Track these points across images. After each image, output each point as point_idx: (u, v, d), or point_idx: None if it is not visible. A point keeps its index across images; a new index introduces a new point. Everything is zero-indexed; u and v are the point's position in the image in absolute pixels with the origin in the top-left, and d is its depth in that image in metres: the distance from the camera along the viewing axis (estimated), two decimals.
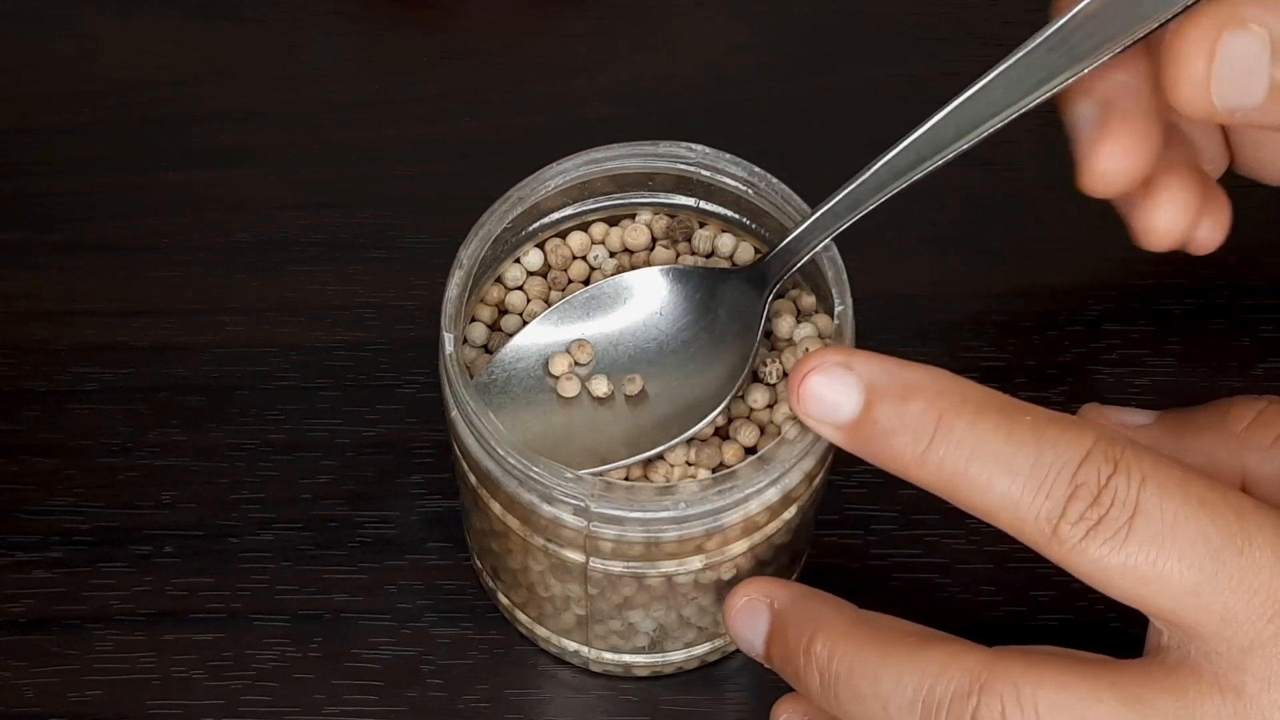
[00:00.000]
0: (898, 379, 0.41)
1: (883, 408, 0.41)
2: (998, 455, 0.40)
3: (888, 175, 0.45)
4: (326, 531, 0.54)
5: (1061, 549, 0.39)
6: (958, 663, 0.41)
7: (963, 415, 0.40)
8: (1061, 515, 0.39)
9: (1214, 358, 0.56)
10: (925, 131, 0.44)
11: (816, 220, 0.46)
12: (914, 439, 0.40)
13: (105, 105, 0.62)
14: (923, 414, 0.40)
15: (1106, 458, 0.39)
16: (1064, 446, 0.40)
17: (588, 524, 0.44)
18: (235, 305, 0.58)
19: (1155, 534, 0.39)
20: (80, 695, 0.51)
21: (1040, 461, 0.39)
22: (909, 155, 0.45)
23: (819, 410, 0.41)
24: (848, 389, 0.41)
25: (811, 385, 0.41)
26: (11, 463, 0.55)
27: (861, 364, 0.41)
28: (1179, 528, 0.39)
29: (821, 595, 0.45)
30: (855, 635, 0.43)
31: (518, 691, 0.51)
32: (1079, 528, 0.39)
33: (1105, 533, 0.39)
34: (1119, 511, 0.39)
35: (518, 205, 0.47)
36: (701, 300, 0.47)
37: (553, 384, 0.47)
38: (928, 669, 0.41)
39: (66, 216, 0.60)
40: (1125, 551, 0.39)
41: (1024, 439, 0.40)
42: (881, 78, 0.57)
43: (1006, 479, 0.40)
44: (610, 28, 0.64)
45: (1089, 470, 0.39)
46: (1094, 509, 0.39)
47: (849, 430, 0.41)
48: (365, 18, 0.65)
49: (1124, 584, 0.39)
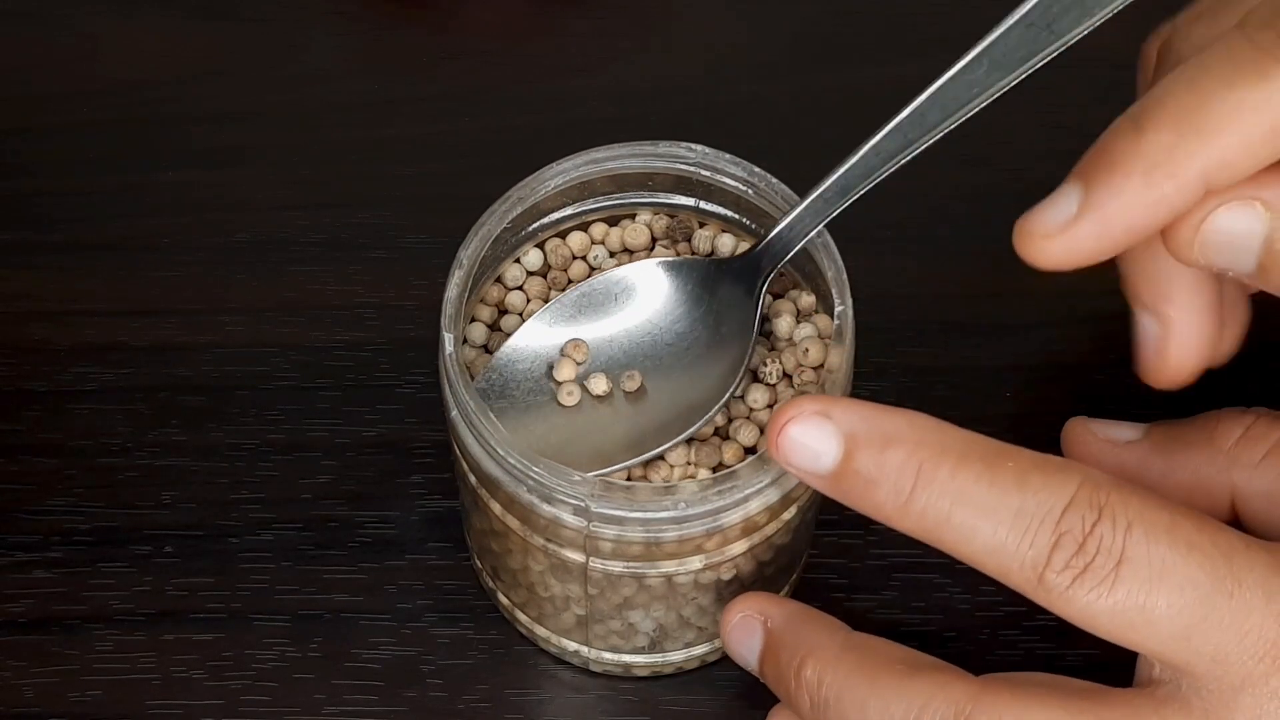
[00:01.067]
0: (877, 427, 0.41)
1: (862, 457, 0.41)
2: (980, 504, 0.40)
3: (876, 160, 0.45)
4: (326, 531, 0.54)
5: (1049, 596, 0.39)
6: (944, 693, 0.41)
7: (944, 464, 0.40)
8: (1046, 563, 0.39)
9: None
10: (911, 113, 0.44)
11: (807, 207, 0.46)
12: (895, 489, 0.40)
13: (105, 105, 0.62)
14: (903, 463, 0.40)
15: (1091, 504, 0.39)
16: (1047, 493, 0.39)
17: (587, 524, 0.44)
18: (235, 305, 0.58)
19: (1143, 580, 0.39)
20: (80, 695, 0.51)
21: (1023, 510, 0.39)
22: (896, 138, 0.45)
23: (799, 459, 0.41)
24: (827, 438, 0.41)
25: (791, 434, 0.41)
26: (11, 463, 0.55)
27: (840, 412, 0.41)
28: (1167, 573, 0.39)
29: (815, 616, 0.46)
30: (845, 662, 0.43)
31: (518, 691, 0.51)
32: (1064, 575, 0.39)
33: (1092, 580, 0.39)
34: (1104, 559, 0.39)
35: (517, 205, 0.47)
36: (696, 293, 0.47)
37: (555, 389, 0.47)
38: (914, 699, 0.41)
39: (66, 216, 0.60)
40: (1113, 598, 0.39)
41: (1006, 486, 0.40)
42: (881, 78, 0.57)
43: (990, 527, 0.39)
44: (610, 28, 0.64)
45: (1073, 517, 0.39)
46: (1079, 556, 0.39)
47: (830, 480, 0.41)
48: (365, 18, 0.65)
49: (1112, 628, 0.39)
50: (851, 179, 0.45)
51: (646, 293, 0.48)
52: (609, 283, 0.48)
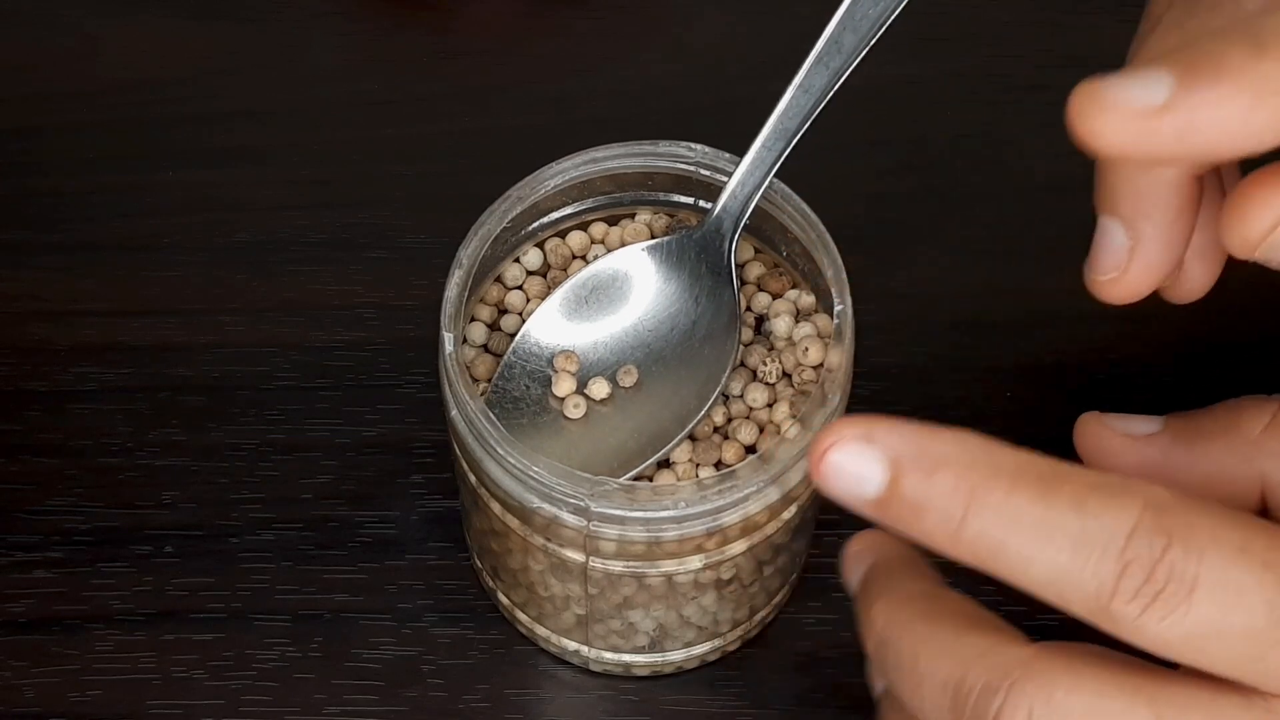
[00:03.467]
0: (923, 450, 0.38)
1: (909, 483, 0.38)
2: (1037, 530, 0.37)
3: (806, 98, 0.45)
4: (326, 531, 0.54)
5: (1116, 626, 0.37)
6: (995, 654, 0.39)
7: (997, 488, 0.37)
8: (1114, 593, 0.37)
9: (1214, 358, 0.56)
10: (826, 42, 0.45)
11: (753, 160, 0.46)
12: (945, 516, 0.37)
13: (105, 105, 0.62)
14: (953, 489, 0.37)
15: (1158, 529, 0.37)
16: (1108, 519, 0.37)
17: (587, 524, 0.44)
18: (235, 305, 0.58)
19: (1218, 605, 0.37)
20: (80, 695, 0.51)
21: (1084, 537, 0.37)
22: (820, 71, 0.45)
23: (843, 486, 0.38)
24: (871, 463, 0.38)
25: (832, 461, 0.38)
26: (11, 463, 0.55)
27: (884, 435, 0.38)
28: (1243, 596, 0.37)
29: (902, 559, 0.43)
30: (911, 608, 0.42)
31: (518, 691, 0.51)
32: (1134, 605, 0.37)
33: (1164, 609, 0.37)
34: (1177, 587, 0.37)
35: (517, 205, 0.47)
36: (668, 274, 0.47)
37: (558, 406, 0.47)
38: (965, 655, 0.40)
39: (66, 216, 0.60)
40: (1186, 624, 0.37)
41: (1064, 511, 0.37)
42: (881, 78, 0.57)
43: (1049, 555, 0.37)
44: (610, 28, 0.64)
45: (1140, 544, 0.37)
46: (1149, 585, 0.37)
47: (876, 507, 0.38)
48: (365, 18, 0.65)
49: (1184, 652, 0.37)
50: (789, 122, 0.46)
51: (622, 287, 0.48)
52: (577, 286, 0.48)
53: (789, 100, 0.45)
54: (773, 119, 0.46)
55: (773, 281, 0.48)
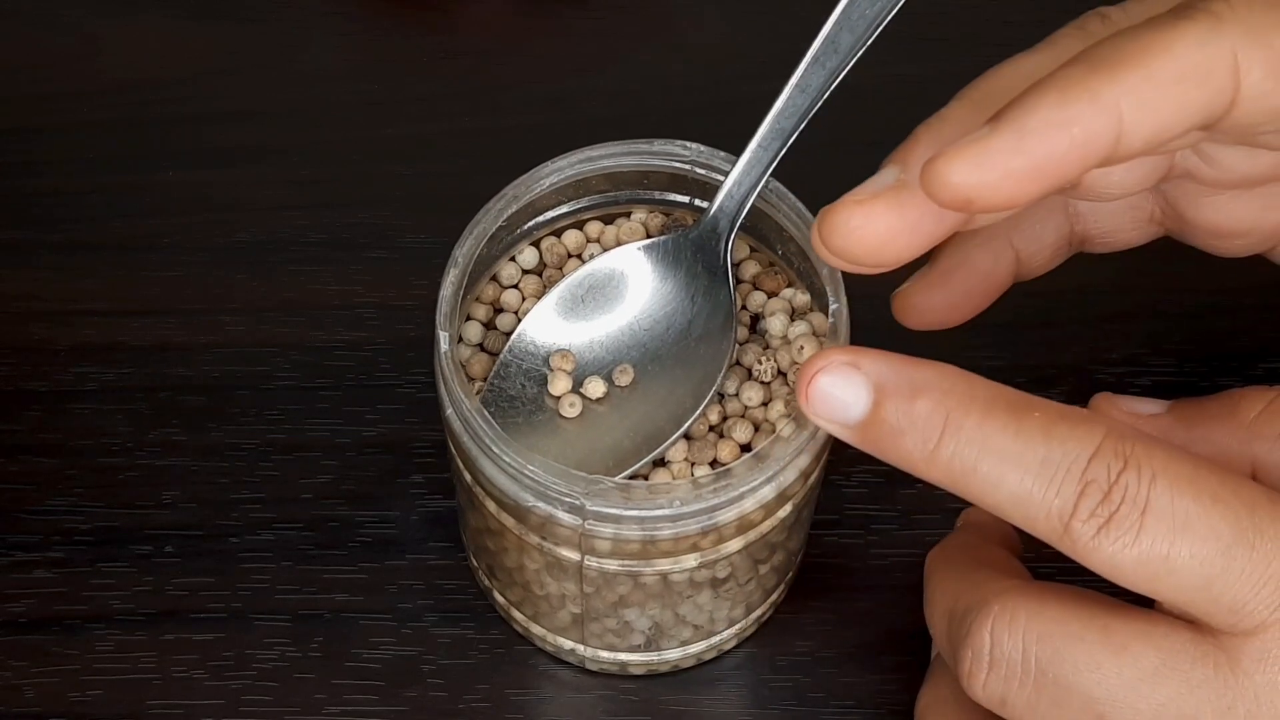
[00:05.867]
0: (905, 377, 0.41)
1: (890, 406, 0.40)
2: (1006, 453, 0.40)
3: (803, 98, 0.45)
4: (327, 531, 0.54)
5: (1074, 545, 0.39)
6: (982, 586, 0.42)
7: (970, 413, 0.40)
8: (1073, 513, 0.39)
9: (1214, 358, 0.56)
10: (823, 42, 0.45)
11: (749, 159, 0.46)
12: (922, 438, 0.40)
13: (105, 105, 0.62)
14: (930, 413, 0.40)
15: (1116, 454, 0.39)
16: (1073, 443, 0.39)
17: (583, 522, 0.44)
18: (235, 305, 0.58)
19: (1167, 530, 0.39)
20: (80, 695, 0.51)
21: (1049, 459, 0.39)
22: (817, 71, 0.45)
23: (828, 410, 0.41)
24: (856, 388, 0.41)
25: (820, 385, 0.41)
26: (11, 463, 0.55)
27: (869, 363, 0.41)
28: (1191, 524, 0.39)
29: (982, 523, 0.47)
30: (947, 553, 0.46)
31: (518, 691, 0.51)
32: (1090, 524, 0.39)
33: (1117, 530, 0.39)
34: (1130, 508, 0.39)
35: (513, 203, 0.47)
36: (664, 273, 0.47)
37: (554, 405, 0.47)
38: (962, 587, 0.43)
39: (66, 216, 0.60)
40: (1138, 547, 0.39)
41: (1032, 436, 0.39)
42: (881, 78, 0.57)
43: (1016, 476, 0.39)
44: (610, 28, 0.64)
45: (1099, 467, 0.39)
46: (1104, 505, 0.39)
47: (859, 430, 0.41)
48: (365, 18, 0.65)
49: (1135, 577, 0.39)
50: (785, 122, 0.46)
51: (617, 286, 0.48)
52: (573, 285, 0.48)
53: (785, 100, 0.46)
54: (769, 118, 0.46)
55: (768, 280, 0.48)
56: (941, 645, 0.44)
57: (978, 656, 0.41)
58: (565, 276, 0.48)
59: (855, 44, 0.45)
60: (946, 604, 0.43)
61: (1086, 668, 0.40)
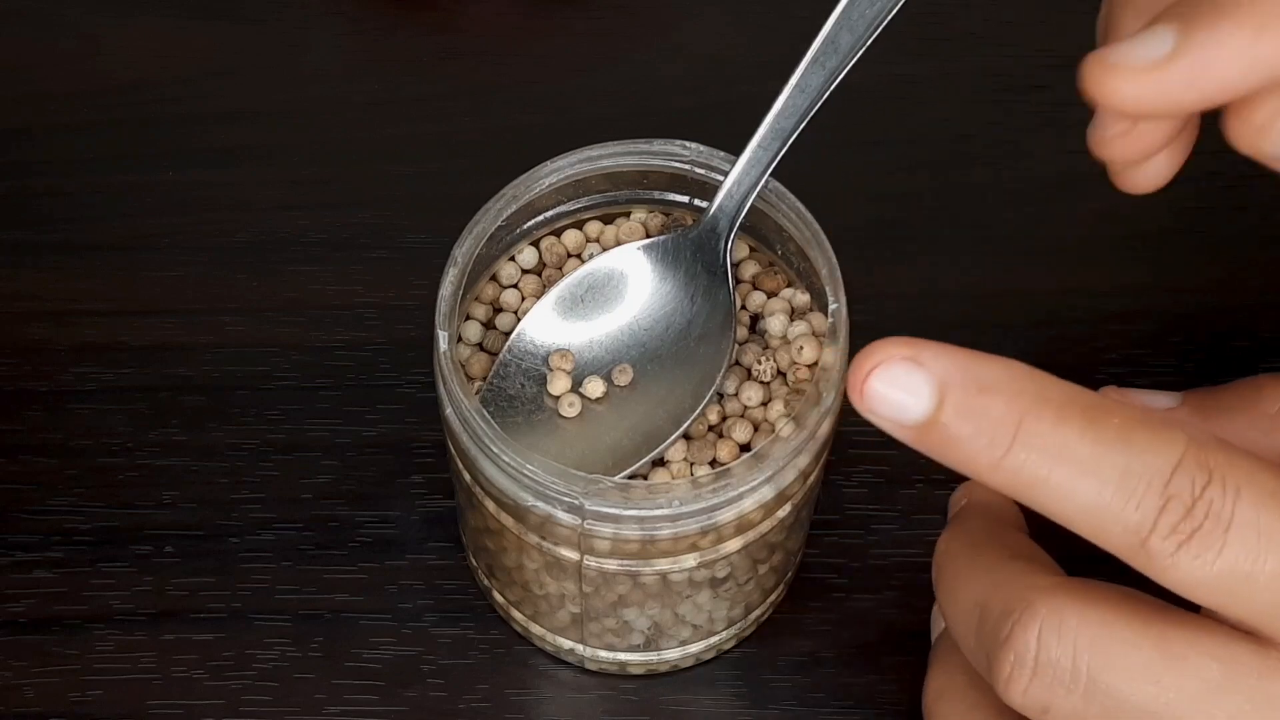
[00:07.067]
0: (972, 375, 0.37)
1: (956, 408, 0.37)
2: (1083, 462, 0.37)
3: (803, 98, 0.45)
4: (327, 531, 0.54)
5: (1150, 561, 0.37)
6: (1019, 581, 0.40)
7: (1045, 417, 0.37)
8: (1153, 529, 0.36)
9: (1214, 358, 0.56)
10: (823, 42, 0.45)
11: (749, 159, 0.46)
12: (990, 443, 0.37)
13: (105, 105, 0.62)
14: (1002, 416, 0.37)
15: (1200, 466, 0.37)
16: (1154, 454, 0.37)
17: (582, 522, 0.44)
18: (235, 305, 0.58)
19: (1251, 548, 0.36)
20: (80, 695, 0.51)
21: (1130, 470, 0.36)
22: (816, 71, 0.45)
23: (885, 409, 0.37)
24: (918, 386, 0.37)
25: (876, 383, 0.37)
26: (11, 463, 0.55)
27: (932, 357, 0.37)
28: (1275, 539, 0.37)
29: (988, 504, 0.44)
30: (965, 538, 0.43)
31: (518, 691, 0.51)
32: (1171, 541, 0.36)
33: (1199, 548, 0.36)
34: (1214, 524, 0.36)
35: (512, 203, 0.47)
36: (663, 272, 0.47)
37: (553, 404, 0.47)
38: (993, 580, 0.40)
39: (66, 216, 0.60)
40: (1219, 564, 0.36)
41: (1111, 444, 0.36)
42: (881, 78, 0.57)
43: (1093, 488, 0.36)
44: (610, 28, 0.64)
45: (1182, 480, 0.36)
46: (1187, 521, 0.36)
47: (918, 431, 0.37)
48: (365, 18, 0.65)
49: (1213, 595, 0.37)
50: (785, 122, 0.46)
51: (617, 285, 0.48)
52: (572, 285, 0.48)
53: (785, 100, 0.46)
54: (769, 119, 0.46)
55: (768, 280, 0.48)
56: (966, 643, 0.41)
57: (1020, 661, 0.38)
58: (565, 276, 0.48)
59: (855, 44, 0.45)
60: (974, 599, 0.40)
61: (1143, 678, 0.38)
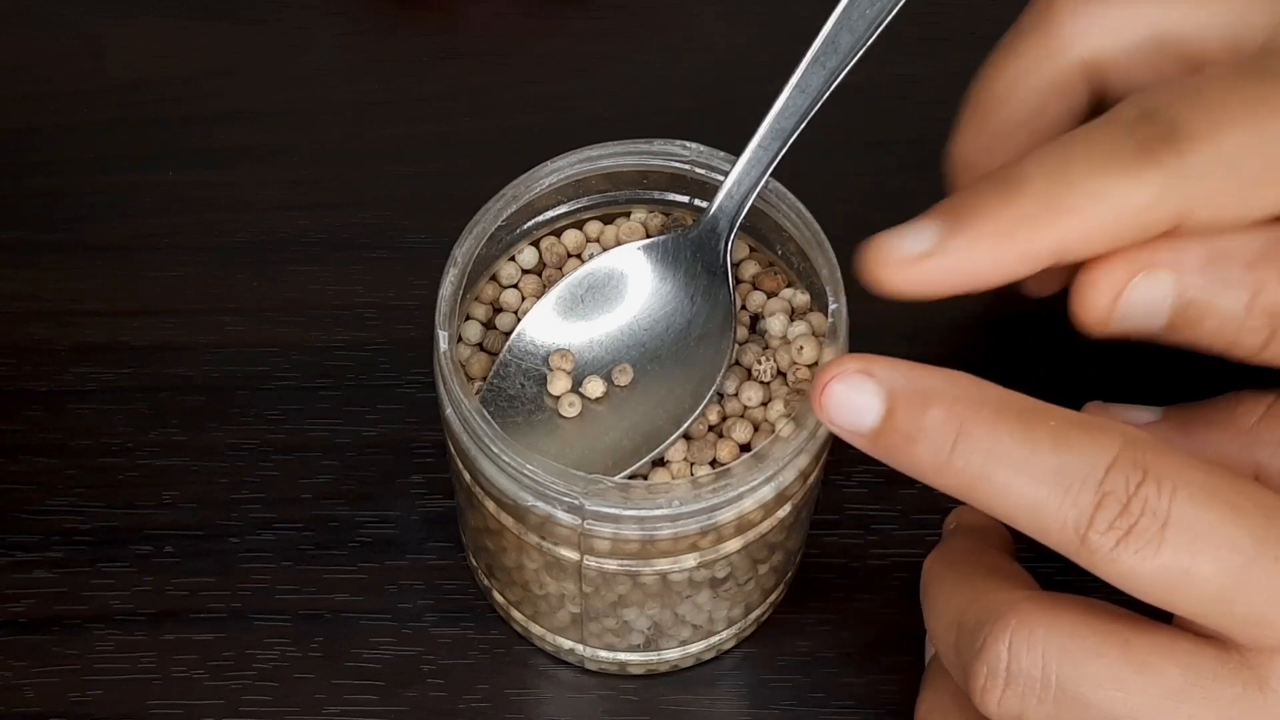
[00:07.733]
0: (917, 385, 0.40)
1: (903, 415, 0.40)
2: (1018, 462, 0.39)
3: (803, 98, 0.46)
4: (327, 531, 0.54)
5: (1091, 557, 0.39)
6: (992, 597, 0.42)
7: (981, 421, 0.39)
8: (1090, 524, 0.38)
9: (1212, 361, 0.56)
10: (823, 42, 0.45)
11: (749, 159, 0.46)
12: (935, 446, 0.40)
13: (105, 105, 0.62)
14: (943, 421, 0.40)
15: (1134, 464, 0.38)
16: (1088, 453, 0.39)
17: (582, 522, 0.44)
18: (235, 305, 0.58)
19: (1188, 543, 0.38)
20: (80, 695, 0.51)
21: (1063, 469, 0.39)
22: (816, 71, 0.45)
23: (842, 417, 0.41)
24: (869, 396, 0.40)
25: (833, 392, 0.41)
26: (11, 463, 0.55)
27: (881, 370, 0.41)
28: (1211, 536, 0.38)
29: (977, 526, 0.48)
30: (949, 559, 0.45)
31: (518, 691, 0.51)
32: (1109, 537, 0.38)
33: (1136, 543, 0.38)
34: (1150, 520, 0.38)
35: (512, 203, 0.47)
36: (663, 272, 0.47)
37: (553, 404, 0.47)
38: (970, 597, 0.43)
39: (66, 216, 0.60)
40: (1158, 560, 0.38)
41: (1044, 445, 0.39)
42: (881, 78, 0.57)
43: (1029, 486, 0.39)
44: (610, 28, 0.64)
45: (1116, 478, 0.38)
46: (1123, 518, 0.38)
47: (871, 438, 0.41)
48: (365, 18, 0.65)
49: (1153, 591, 0.39)
50: (785, 122, 0.46)
51: (617, 285, 0.48)
52: (572, 285, 0.48)
53: (785, 100, 0.46)
54: (769, 119, 0.46)
55: (768, 280, 0.48)
56: (948, 657, 0.43)
57: (993, 672, 0.40)
58: (565, 276, 0.48)
59: (855, 44, 0.45)
60: (953, 615, 0.43)
61: (1109, 684, 0.39)
